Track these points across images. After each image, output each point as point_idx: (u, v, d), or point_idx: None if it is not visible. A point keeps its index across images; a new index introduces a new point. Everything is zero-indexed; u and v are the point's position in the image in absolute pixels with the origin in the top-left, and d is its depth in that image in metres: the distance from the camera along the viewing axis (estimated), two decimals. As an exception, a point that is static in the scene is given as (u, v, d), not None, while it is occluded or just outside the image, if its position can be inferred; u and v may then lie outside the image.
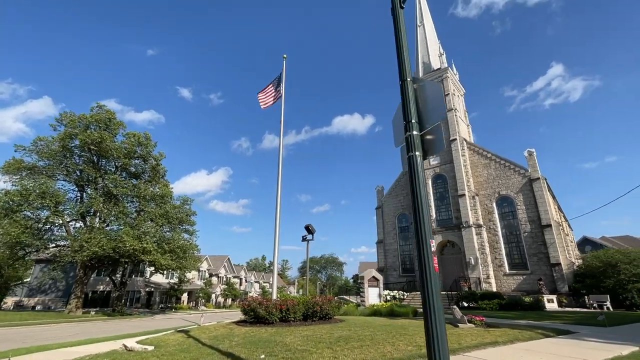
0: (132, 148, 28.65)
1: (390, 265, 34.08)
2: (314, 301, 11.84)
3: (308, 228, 14.27)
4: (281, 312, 11.24)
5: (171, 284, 41.29)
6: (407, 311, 15.47)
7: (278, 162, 14.36)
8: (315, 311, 11.61)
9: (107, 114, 27.30)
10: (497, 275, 27.32)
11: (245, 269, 78.53)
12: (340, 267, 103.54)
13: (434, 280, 2.90)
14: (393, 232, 35.11)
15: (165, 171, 33.78)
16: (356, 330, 9.32)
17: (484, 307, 19.96)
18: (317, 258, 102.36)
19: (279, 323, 11.12)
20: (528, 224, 27.03)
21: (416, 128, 3.44)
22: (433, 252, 3.02)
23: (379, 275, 19.09)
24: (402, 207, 35.14)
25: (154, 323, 19.54)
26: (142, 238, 24.51)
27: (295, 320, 11.40)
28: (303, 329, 10.02)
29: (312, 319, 11.65)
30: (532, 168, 27.88)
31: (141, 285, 39.51)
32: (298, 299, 12.33)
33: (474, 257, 27.22)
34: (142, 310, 36.00)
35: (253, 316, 11.45)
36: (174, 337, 9.64)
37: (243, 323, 11.66)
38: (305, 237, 14.55)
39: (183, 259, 29.45)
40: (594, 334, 9.24)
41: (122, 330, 14.91)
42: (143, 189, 27.83)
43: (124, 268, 30.62)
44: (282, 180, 14.24)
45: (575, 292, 23.39)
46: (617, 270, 21.32)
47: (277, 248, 13.21)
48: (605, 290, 21.43)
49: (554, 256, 24.91)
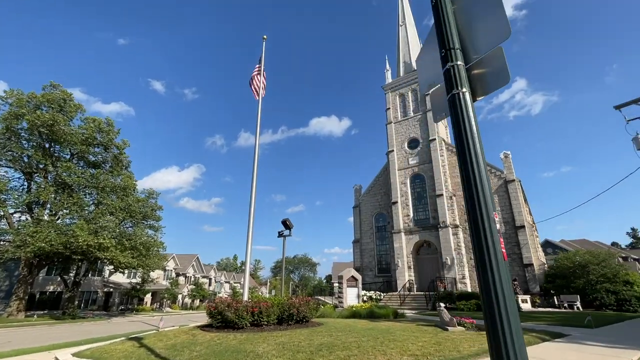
0: (91, 134, 25.98)
1: (367, 265, 33.46)
2: (290, 303, 10.65)
3: (285, 223, 13.05)
4: (253, 316, 9.96)
5: (133, 284, 38.33)
6: (387, 312, 14.64)
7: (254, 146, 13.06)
8: (292, 314, 10.43)
9: (62, 94, 24.49)
10: (473, 275, 27.36)
11: (215, 268, 75.59)
12: (314, 268, 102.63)
13: (503, 275, 1.86)
14: (370, 232, 34.55)
15: (129, 162, 31.19)
16: (339, 336, 8.24)
17: (462, 307, 19.63)
18: (290, 258, 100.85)
19: (250, 328, 9.84)
20: (502, 224, 27.30)
21: (461, 58, 2.39)
22: (499, 230, 1.98)
23: (357, 275, 18.19)
24: (380, 206, 34.66)
25: (107, 327, 17.46)
26: (98, 233, 22.12)
27: (269, 324, 10.16)
28: (278, 334, 8.81)
29: (288, 323, 10.45)
30: (508, 170, 28.27)
31: (99, 285, 36.32)
32: (272, 301, 11.09)
33: (450, 258, 27.12)
34: (98, 312, 32.99)
35: (220, 320, 10.07)
36: (123, 346, 8.09)
37: (208, 328, 10.25)
38: (282, 232, 13.32)
39: (146, 256, 27.15)
40: (588, 336, 8.76)
41: (65, 337, 12.92)
42: (102, 180, 25.27)
43: (78, 266, 27.73)
44: (257, 174, 12.95)
45: (546, 292, 23.80)
46: (587, 271, 21.83)
47: (249, 245, 11.92)
48: (575, 291, 21.88)
49: (527, 257, 25.25)
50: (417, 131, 33.13)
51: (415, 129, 33.35)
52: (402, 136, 34.06)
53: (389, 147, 34.42)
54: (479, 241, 1.92)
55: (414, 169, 32.25)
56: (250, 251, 11.92)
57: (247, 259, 11.85)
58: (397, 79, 37.04)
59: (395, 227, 30.91)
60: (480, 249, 1.91)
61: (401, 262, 29.43)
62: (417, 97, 34.53)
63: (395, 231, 30.71)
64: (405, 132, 34.04)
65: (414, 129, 33.51)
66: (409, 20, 40.50)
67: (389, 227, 32.49)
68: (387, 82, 37.22)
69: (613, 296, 19.99)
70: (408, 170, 32.50)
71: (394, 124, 34.97)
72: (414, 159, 32.48)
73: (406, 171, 32.55)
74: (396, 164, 33.13)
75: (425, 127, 32.62)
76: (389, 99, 36.38)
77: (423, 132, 32.65)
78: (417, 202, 31.46)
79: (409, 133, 33.77)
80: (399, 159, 33.31)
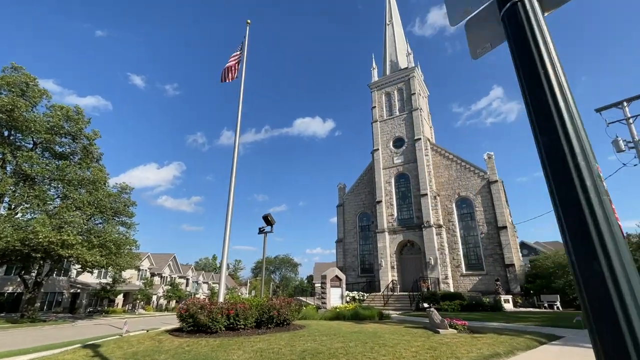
0: (58, 123, 24.05)
1: (349, 265, 32.90)
2: (270, 304, 9.79)
3: (267, 218, 12.16)
4: (228, 319, 9.04)
5: (103, 284, 36.12)
6: (372, 314, 14.02)
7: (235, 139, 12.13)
8: (272, 316, 9.57)
9: (25, 77, 22.50)
10: (455, 275, 27.32)
11: (194, 268, 73.18)
12: (295, 268, 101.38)
13: (626, 259, 1.14)
14: (353, 231, 34.04)
15: (101, 154, 29.28)
16: (323, 341, 7.47)
17: (446, 308, 19.29)
18: (271, 258, 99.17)
19: (225, 332, 8.92)
20: (485, 225, 27.40)
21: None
22: (606, 190, 1.26)
23: (341, 275, 17.50)
24: (364, 205, 34.22)
25: (68, 332, 15.95)
26: (62, 229, 20.37)
27: (247, 327, 9.27)
28: (256, 339, 7.95)
29: (267, 326, 9.59)
30: (491, 171, 28.42)
31: (64, 285, 33.97)
32: (251, 302, 10.20)
33: (433, 258, 26.93)
34: (63, 315, 30.75)
35: (192, 323, 9.10)
36: (73, 356, 6.99)
37: (178, 333, 9.24)
38: (263, 228, 12.43)
39: (116, 255, 25.42)
40: (583, 338, 8.39)
41: (17, 343, 11.51)
42: (69, 172, 23.42)
43: (40, 265, 25.64)
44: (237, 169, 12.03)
45: (527, 292, 23.97)
46: (567, 271, 22.05)
47: (227, 244, 10.99)
48: (555, 291, 22.09)
49: (508, 257, 25.38)
50: (403, 130, 32.90)
51: (401, 128, 33.12)
52: (388, 135, 33.76)
53: (374, 145, 34.04)
54: (574, 208, 1.19)
55: (398, 168, 31.98)
56: (227, 250, 10.98)
57: (223, 258, 10.91)
58: (383, 77, 36.76)
59: (379, 227, 30.51)
60: (579, 220, 1.18)
61: (384, 262, 29.03)
62: (403, 96, 34.34)
63: (379, 231, 30.30)
64: (391, 131, 33.75)
65: (399, 128, 33.28)
66: (396, 19, 40.38)
67: (373, 227, 32.07)
68: (374, 80, 36.85)
69: (592, 296, 20.22)
70: (393, 169, 32.20)
71: (379, 123, 34.63)
72: (399, 158, 32.22)
73: (391, 170, 32.25)
74: (381, 162, 32.77)
75: (410, 126, 32.43)
76: (375, 97, 36.03)
77: (408, 132, 32.45)
78: (401, 202, 31.19)
79: (394, 132, 33.50)
80: (384, 158, 32.98)
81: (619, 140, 20.94)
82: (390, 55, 38.71)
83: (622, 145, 20.74)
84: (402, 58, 37.43)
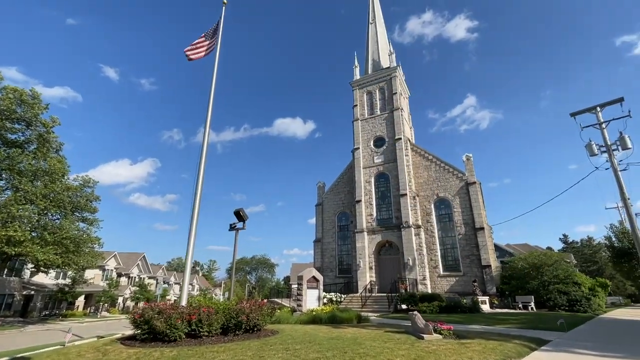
0: (10, 107, 21.73)
1: (327, 266, 32.14)
2: (238, 308, 8.78)
3: (239, 213, 11.12)
4: (190, 325, 7.96)
5: (61, 285, 33.37)
6: (350, 316, 13.27)
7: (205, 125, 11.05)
8: (240, 322, 8.56)
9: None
10: (432, 276, 27.18)
11: (165, 268, 70.09)
12: (272, 269, 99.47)
13: None
14: (332, 231, 33.33)
15: (61, 144, 26.83)
16: (297, 350, 6.59)
17: (424, 309, 18.90)
18: (247, 259, 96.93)
19: (185, 340, 7.83)
20: (463, 226, 27.47)
21: None
22: None
23: (319, 275, 16.66)
24: (343, 205, 33.60)
25: (9, 340, 14.12)
26: (9, 224, 18.28)
27: (211, 335, 8.21)
28: (219, 349, 6.94)
29: (235, 333, 8.56)
30: (469, 172, 28.57)
31: (16, 287, 31.03)
32: (217, 306, 9.15)
33: (412, 258, 26.66)
34: (12, 319, 27.97)
35: (147, 330, 7.94)
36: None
37: (131, 341, 8.05)
38: (235, 225, 11.38)
39: (75, 253, 23.35)
40: (571, 342, 8.01)
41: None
42: (20, 161, 21.19)
43: (-15, 264, 23.13)
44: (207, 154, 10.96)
45: (502, 293, 24.12)
46: (541, 272, 22.37)
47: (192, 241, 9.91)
48: (530, 291, 22.31)
49: (485, 258, 25.50)
50: (384, 130, 32.59)
51: (382, 128, 32.80)
52: (369, 134, 33.35)
53: (354, 144, 33.52)
54: None
55: (379, 167, 31.61)
56: (192, 249, 9.89)
57: (188, 258, 9.80)
58: (365, 76, 36.37)
59: (358, 227, 29.97)
60: None
61: (363, 262, 28.49)
62: (385, 95, 34.08)
63: (358, 230, 29.76)
64: (372, 130, 33.37)
65: (380, 128, 32.94)
66: (378, 18, 40.19)
67: (352, 227, 31.50)
68: (355, 78, 36.38)
69: (565, 297, 20.55)
70: (373, 168, 31.80)
71: (360, 122, 34.17)
72: (380, 157, 31.87)
73: (371, 169, 31.83)
74: (361, 161, 32.30)
75: (391, 126, 32.17)
76: (357, 95, 35.56)
77: (389, 131, 32.17)
78: (380, 202, 30.81)
79: (375, 131, 33.13)
80: (365, 157, 32.53)
81: (592, 144, 21.50)
82: (373, 54, 38.42)
83: (595, 150, 21.33)
84: (385, 57, 37.22)
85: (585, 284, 21.60)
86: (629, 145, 19.86)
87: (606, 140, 20.74)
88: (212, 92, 11.60)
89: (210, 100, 11.78)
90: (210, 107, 11.36)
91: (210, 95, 11.57)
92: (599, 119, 21.47)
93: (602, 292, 22.16)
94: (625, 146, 19.95)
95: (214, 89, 11.73)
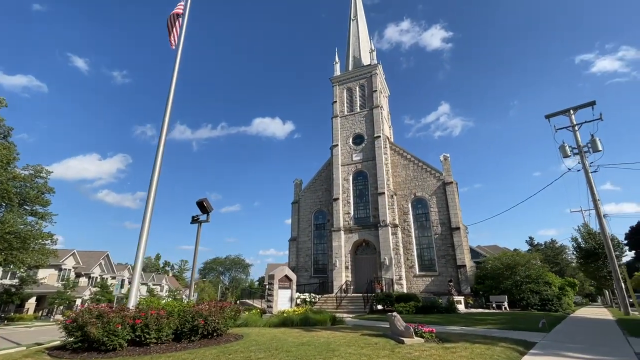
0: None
1: (302, 265, 31.14)
2: (195, 310, 7.62)
3: (202, 204, 9.92)
4: (134, 330, 6.72)
5: (7, 285, 30.23)
6: (323, 318, 12.36)
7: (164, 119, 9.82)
8: (196, 326, 7.40)
9: None
10: (408, 276, 26.87)
11: (130, 268, 66.14)
12: (246, 269, 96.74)
13: None
14: (308, 230, 32.37)
15: (10, 129, 24.29)
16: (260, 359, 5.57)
17: (401, 310, 18.36)
18: (221, 259, 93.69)
19: (128, 349, 6.60)
20: (439, 226, 27.37)
21: None
22: None
23: (292, 275, 15.63)
24: (320, 203, 32.74)
25: None
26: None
27: (161, 342, 7.01)
28: (167, 359, 5.80)
29: (190, 339, 7.39)
30: (447, 172, 28.57)
31: (-47, 288, 27.73)
32: (172, 307, 7.96)
33: (388, 258, 26.20)
34: (-54, 324, 24.86)
35: (81, 338, 6.63)
36: None
37: (60, 351, 6.71)
38: (197, 217, 10.17)
39: (20, 250, 20.97)
40: (557, 344, 7.51)
41: None
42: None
43: None
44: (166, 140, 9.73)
45: (476, 293, 24.14)
46: (514, 272, 22.53)
47: (145, 236, 8.67)
48: (504, 291, 22.40)
49: (460, 258, 25.46)
50: (363, 127, 32.08)
51: (361, 125, 32.27)
52: (348, 131, 32.72)
53: (333, 141, 32.78)
54: None
55: (357, 165, 31.03)
56: (145, 243, 8.63)
57: (139, 252, 8.55)
58: (345, 72, 35.76)
59: (335, 225, 29.21)
60: None
61: (339, 262, 27.73)
62: (365, 92, 33.62)
63: (335, 229, 28.99)
64: (351, 127, 32.77)
65: (359, 125, 32.40)
66: (360, 15, 39.77)
67: (329, 225, 30.71)
68: (336, 74, 35.69)
69: (537, 296, 20.74)
70: (351, 166, 31.18)
71: (339, 118, 33.49)
72: (358, 155, 31.30)
73: (349, 167, 31.20)
74: (340, 159, 31.60)
75: (370, 123, 31.71)
76: (336, 92, 34.87)
77: (368, 129, 31.69)
78: (358, 200, 30.23)
79: (354, 129, 32.56)
80: (343, 155, 31.86)
81: (565, 146, 21.90)
82: (354, 51, 37.91)
83: (568, 151, 21.73)
84: (365, 54, 36.80)
85: (556, 284, 21.97)
86: (599, 148, 20.38)
87: (578, 142, 21.21)
88: (175, 76, 10.39)
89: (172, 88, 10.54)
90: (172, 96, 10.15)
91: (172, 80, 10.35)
92: (572, 121, 21.95)
93: (571, 292, 22.66)
94: (596, 148, 20.46)
95: (178, 67, 10.50)
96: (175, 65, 11.21)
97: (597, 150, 20.07)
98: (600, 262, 23.37)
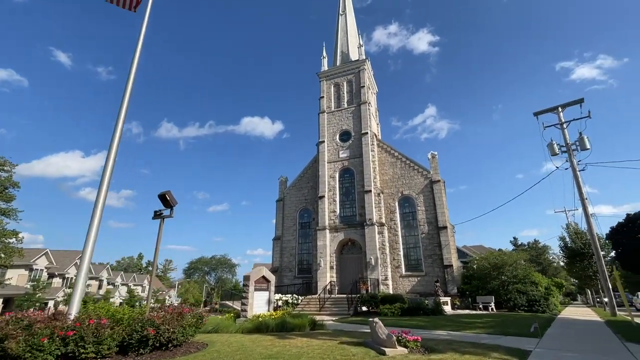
0: None
1: (286, 265, 30.14)
2: (145, 318, 6.57)
3: (164, 197, 8.85)
4: (65, 344, 5.64)
5: (-32, 287, 28.21)
6: (302, 323, 11.44)
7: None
8: (145, 337, 6.35)
9: None
10: (394, 276, 26.21)
11: (109, 268, 63.83)
12: (233, 269, 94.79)
13: None
14: (293, 228, 31.36)
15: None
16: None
17: (386, 312, 17.63)
18: (207, 258, 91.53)
19: (59, 366, 5.51)
20: (426, 225, 26.81)
21: None
22: None
23: (270, 276, 14.64)
24: (306, 201, 31.77)
25: None
26: None
27: (100, 356, 5.94)
28: (97, 381, 4.75)
29: (139, 351, 6.34)
30: (434, 170, 28.03)
31: None
32: (121, 315, 6.89)
33: (374, 257, 25.46)
34: None
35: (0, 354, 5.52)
36: None
37: (-26, 370, 5.57)
38: (160, 212, 9.09)
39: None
40: (554, 352, 6.80)
41: None
42: None
43: None
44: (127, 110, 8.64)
45: (462, 293, 23.65)
46: (501, 272, 22.11)
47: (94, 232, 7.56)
48: (490, 291, 21.95)
49: (447, 258, 24.94)
50: (350, 124, 31.27)
51: (348, 121, 31.46)
52: (335, 127, 31.86)
53: (319, 137, 31.86)
54: None
55: (344, 162, 30.20)
56: (94, 236, 7.53)
57: (87, 249, 7.44)
58: (333, 67, 34.90)
59: (321, 224, 28.31)
60: None
61: (324, 261, 26.85)
62: (352, 88, 32.83)
63: (320, 228, 28.09)
64: (338, 123, 31.93)
65: (346, 121, 31.59)
66: (349, 10, 39.00)
67: (314, 224, 29.79)
68: (323, 69, 34.77)
69: (524, 297, 20.34)
70: (338, 163, 30.33)
71: (326, 114, 32.60)
72: (345, 152, 30.48)
73: (336, 164, 30.35)
74: (326, 155, 30.71)
75: (358, 120, 30.94)
76: (324, 87, 33.96)
77: (356, 125, 30.90)
78: (344, 198, 29.40)
79: (341, 125, 31.72)
80: (330, 151, 30.99)
81: (553, 144, 21.57)
82: (342, 46, 37.09)
83: (556, 149, 21.41)
84: (354, 50, 36.03)
85: (542, 284, 21.65)
86: (587, 146, 20.04)
87: (567, 140, 20.90)
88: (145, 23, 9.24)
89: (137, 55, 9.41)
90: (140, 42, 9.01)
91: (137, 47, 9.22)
92: (560, 119, 21.62)
93: (557, 292, 22.40)
94: (584, 147, 20.12)
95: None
96: (139, 42, 10.07)
97: (585, 149, 19.74)
98: (586, 261, 23.21)
